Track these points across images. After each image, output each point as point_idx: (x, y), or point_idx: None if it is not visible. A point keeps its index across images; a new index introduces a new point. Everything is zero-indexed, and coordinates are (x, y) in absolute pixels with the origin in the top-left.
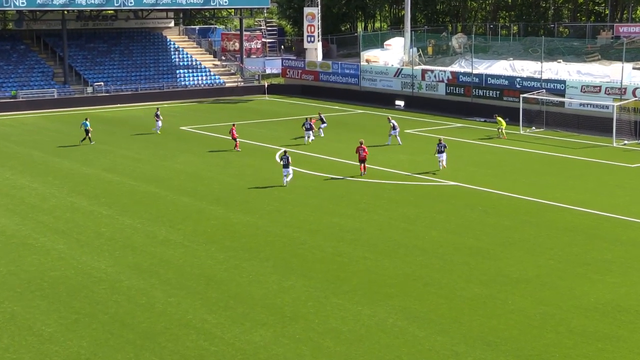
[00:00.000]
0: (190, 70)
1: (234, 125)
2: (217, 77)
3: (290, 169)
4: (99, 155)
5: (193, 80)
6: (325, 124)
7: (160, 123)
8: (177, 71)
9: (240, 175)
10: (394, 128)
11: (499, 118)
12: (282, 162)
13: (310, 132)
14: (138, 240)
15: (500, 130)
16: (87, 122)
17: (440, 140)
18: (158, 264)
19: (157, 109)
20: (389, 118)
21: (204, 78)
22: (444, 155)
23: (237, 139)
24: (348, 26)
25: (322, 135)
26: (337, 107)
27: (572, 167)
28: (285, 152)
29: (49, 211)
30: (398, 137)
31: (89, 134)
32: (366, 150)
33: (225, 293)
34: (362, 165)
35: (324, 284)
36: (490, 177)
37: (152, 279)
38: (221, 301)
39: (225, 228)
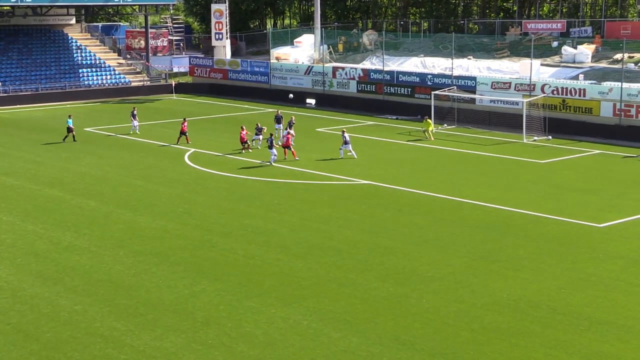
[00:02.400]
0: (93, 69)
1: (185, 120)
2: (122, 76)
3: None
4: None
5: (97, 79)
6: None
7: (136, 122)
8: (80, 70)
9: (147, 177)
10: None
11: (429, 120)
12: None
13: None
14: (42, 246)
15: (426, 132)
16: (70, 121)
17: (343, 131)
18: (63, 270)
19: (134, 108)
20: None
21: (109, 77)
22: (350, 146)
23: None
24: (257, 23)
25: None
26: (246, 106)
27: (484, 164)
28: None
29: None
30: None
31: (72, 132)
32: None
33: (134, 299)
34: (291, 150)
35: (237, 287)
36: (403, 176)
37: (57, 287)
38: (130, 307)
39: (133, 232)
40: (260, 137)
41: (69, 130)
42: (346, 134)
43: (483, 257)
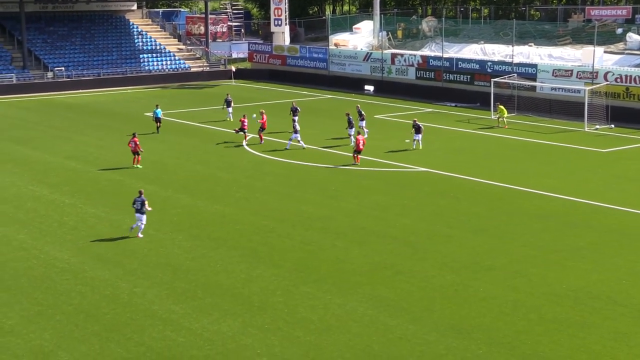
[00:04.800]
0: (154, 55)
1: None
2: (181, 61)
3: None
4: (60, 142)
5: (157, 65)
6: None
7: (230, 109)
8: (141, 56)
9: (205, 162)
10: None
11: (501, 107)
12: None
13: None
14: (102, 229)
15: (500, 119)
16: (159, 111)
17: (414, 120)
18: (123, 253)
19: (228, 94)
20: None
21: (169, 63)
22: (420, 135)
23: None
24: (316, 9)
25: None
26: (305, 92)
27: (544, 153)
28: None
29: (9, 200)
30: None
31: (160, 123)
32: (364, 141)
33: (192, 283)
34: (357, 155)
35: (293, 273)
36: (461, 163)
37: (117, 269)
38: (188, 291)
39: (192, 217)
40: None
41: (158, 120)
42: (418, 122)
43: (542, 246)
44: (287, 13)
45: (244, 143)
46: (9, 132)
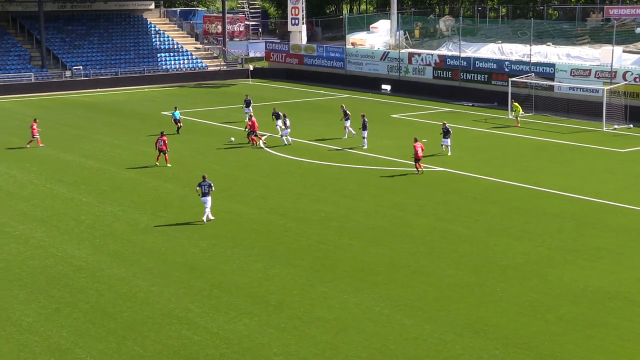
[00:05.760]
0: (171, 54)
1: (35, 120)
2: (199, 60)
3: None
4: (78, 141)
5: (174, 64)
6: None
7: (248, 109)
8: (158, 55)
9: (222, 161)
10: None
11: (516, 104)
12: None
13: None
14: (119, 228)
15: (516, 118)
16: (177, 112)
17: (444, 123)
18: (140, 252)
19: (247, 95)
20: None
21: (186, 62)
22: (449, 140)
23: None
24: (333, 8)
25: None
26: (322, 92)
27: (562, 152)
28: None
29: (27, 199)
30: (349, 128)
31: (180, 124)
32: (423, 148)
33: (208, 282)
34: (418, 163)
35: (310, 272)
36: (478, 163)
37: (133, 268)
38: (205, 290)
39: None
40: (288, 130)
41: (177, 121)
42: (447, 125)
43: (559, 246)
44: (304, 12)
45: (261, 143)
46: (27, 131)
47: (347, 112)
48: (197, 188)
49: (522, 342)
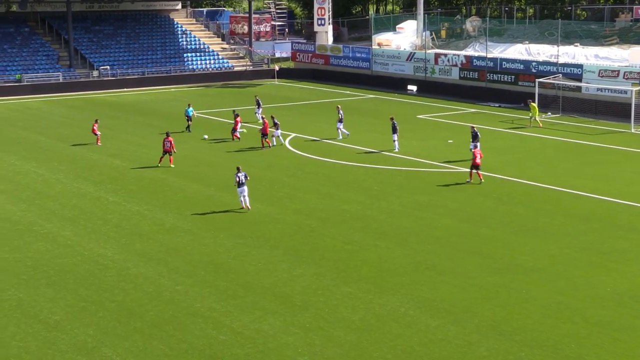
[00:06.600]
0: (198, 54)
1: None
2: (225, 60)
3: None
4: (105, 140)
5: (201, 64)
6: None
7: (259, 109)
8: (185, 55)
9: (248, 161)
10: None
11: (533, 104)
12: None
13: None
14: (145, 227)
15: (532, 119)
16: (190, 109)
17: (472, 127)
18: (166, 251)
19: (256, 96)
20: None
21: (212, 62)
22: (477, 144)
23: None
24: (359, 9)
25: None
26: (348, 92)
27: (589, 154)
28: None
29: (55, 197)
30: (342, 129)
31: (191, 121)
32: (481, 154)
33: (234, 281)
34: (477, 171)
35: (334, 273)
36: (504, 164)
37: (159, 267)
38: (230, 289)
39: (234, 215)
40: (279, 131)
41: (189, 119)
42: (475, 129)
43: (585, 248)
44: (330, 12)
45: (271, 145)
46: (55, 130)
47: (342, 113)
48: (236, 179)
49: (548, 345)
